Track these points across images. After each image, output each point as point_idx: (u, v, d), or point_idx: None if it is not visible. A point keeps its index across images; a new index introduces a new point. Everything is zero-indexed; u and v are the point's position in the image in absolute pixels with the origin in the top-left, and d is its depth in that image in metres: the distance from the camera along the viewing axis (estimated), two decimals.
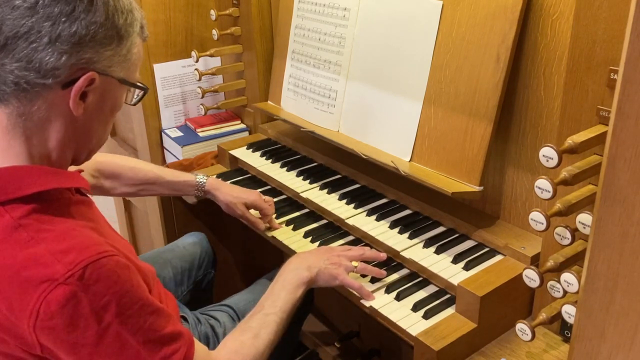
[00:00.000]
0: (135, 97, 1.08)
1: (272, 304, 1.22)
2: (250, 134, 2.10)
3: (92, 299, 0.88)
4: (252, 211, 1.61)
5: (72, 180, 1.01)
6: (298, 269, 1.29)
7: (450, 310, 1.26)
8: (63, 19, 0.88)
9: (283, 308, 1.22)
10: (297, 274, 1.28)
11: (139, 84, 1.05)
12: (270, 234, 1.57)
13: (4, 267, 0.88)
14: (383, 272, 1.35)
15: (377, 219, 1.51)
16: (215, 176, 1.87)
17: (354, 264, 1.33)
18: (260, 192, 1.77)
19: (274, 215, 1.62)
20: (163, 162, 2.11)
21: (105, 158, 1.55)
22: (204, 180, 1.62)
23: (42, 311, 0.87)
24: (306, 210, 1.66)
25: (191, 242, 1.75)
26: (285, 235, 1.56)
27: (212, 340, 1.41)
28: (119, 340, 0.92)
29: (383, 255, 1.39)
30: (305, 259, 1.33)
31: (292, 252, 1.50)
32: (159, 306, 0.99)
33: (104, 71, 0.95)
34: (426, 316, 1.24)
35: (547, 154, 0.99)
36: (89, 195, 1.12)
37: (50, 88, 0.91)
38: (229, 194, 1.61)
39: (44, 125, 0.95)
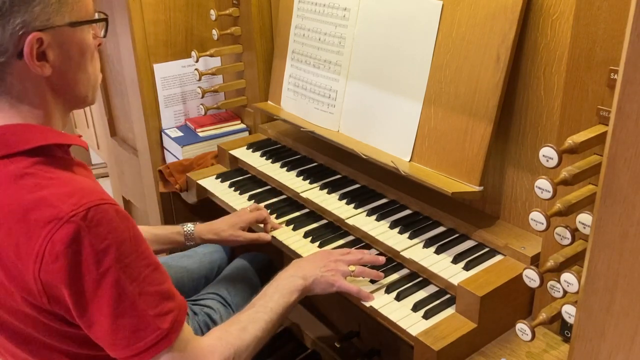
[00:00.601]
0: (102, 30, 1.08)
1: (264, 304, 1.23)
2: (250, 134, 2.10)
3: (93, 241, 0.91)
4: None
5: (71, 139, 1.04)
6: (293, 277, 1.29)
7: (450, 310, 1.26)
8: None
9: (274, 309, 1.22)
10: (292, 281, 1.28)
11: (93, 18, 1.03)
12: (270, 234, 1.57)
13: (12, 211, 0.91)
14: (381, 274, 1.35)
15: (377, 219, 1.51)
16: (215, 176, 1.88)
17: (351, 268, 1.33)
18: (260, 192, 1.78)
19: (274, 216, 1.62)
20: (163, 162, 2.11)
21: None
22: (192, 228, 1.57)
23: (48, 252, 0.89)
24: (306, 210, 1.66)
25: (211, 250, 1.74)
26: (285, 235, 1.56)
27: (212, 327, 1.41)
28: (117, 287, 0.94)
29: (382, 259, 1.38)
30: (302, 268, 1.32)
31: (292, 252, 1.50)
32: (156, 261, 1.01)
33: (45, 26, 0.94)
34: (426, 316, 1.24)
35: (547, 154, 0.99)
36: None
37: (8, 64, 0.94)
38: (222, 229, 1.56)
39: (25, 94, 0.98)
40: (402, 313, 1.26)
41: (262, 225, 1.59)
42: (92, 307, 0.94)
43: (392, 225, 1.48)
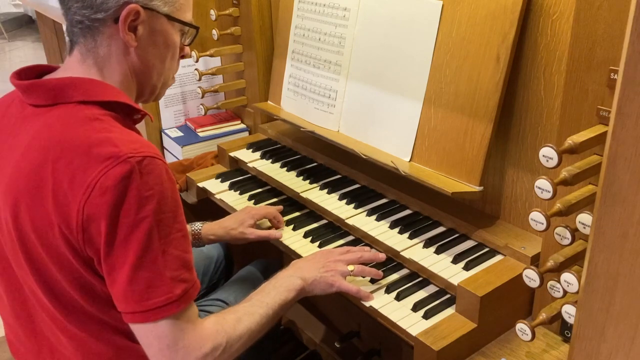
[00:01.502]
0: (189, 37, 1.20)
1: (260, 299, 1.23)
2: (250, 134, 2.10)
3: (141, 185, 0.97)
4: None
5: (139, 106, 1.13)
6: (292, 277, 1.29)
7: (450, 310, 1.26)
8: None
9: (270, 305, 1.22)
10: (289, 280, 1.28)
11: (187, 22, 1.15)
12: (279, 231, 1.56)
13: (80, 144, 0.99)
14: (380, 273, 1.35)
15: (377, 219, 1.51)
16: (215, 177, 1.88)
17: (350, 267, 1.33)
18: (260, 192, 1.78)
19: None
20: None
21: None
22: (199, 227, 1.57)
23: (99, 185, 0.95)
24: (306, 210, 1.66)
25: (208, 247, 1.71)
26: (285, 235, 1.56)
27: None
28: (147, 237, 0.98)
29: (382, 256, 1.38)
30: (301, 269, 1.32)
31: (292, 252, 1.50)
32: (187, 231, 1.07)
33: (146, 4, 1.06)
34: (426, 316, 1.24)
35: (547, 154, 0.99)
36: None
37: (104, 22, 1.05)
38: (231, 227, 1.56)
39: (109, 58, 1.09)
40: (402, 313, 1.26)
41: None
42: (119, 250, 0.98)
43: (392, 225, 1.48)
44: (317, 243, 1.50)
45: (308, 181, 1.71)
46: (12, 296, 1.14)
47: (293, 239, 1.54)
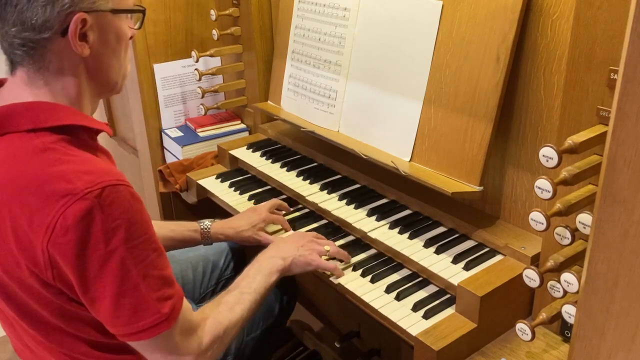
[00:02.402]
0: (137, 22, 1.15)
1: (248, 284, 1.27)
2: (250, 134, 2.10)
3: (105, 219, 0.93)
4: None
5: (97, 123, 1.09)
6: (273, 257, 1.34)
7: (450, 310, 1.26)
8: None
9: (257, 290, 1.27)
10: (272, 262, 1.33)
11: (134, 7, 1.10)
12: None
13: (31, 181, 0.94)
14: (349, 256, 1.41)
15: (377, 219, 1.51)
16: (215, 176, 1.88)
17: (326, 248, 1.39)
18: (260, 192, 1.78)
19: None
20: (163, 162, 2.11)
21: None
22: (209, 225, 1.57)
23: (59, 225, 0.92)
24: (306, 210, 1.66)
25: (218, 244, 1.71)
26: (285, 235, 1.55)
27: None
28: (122, 268, 0.96)
29: (347, 254, 1.43)
30: (281, 249, 1.37)
31: None
32: (162, 247, 1.04)
33: (90, 8, 0.99)
34: (426, 316, 1.24)
35: (547, 154, 0.99)
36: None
37: (51, 40, 0.98)
38: (243, 228, 1.55)
39: (61, 73, 1.02)
40: (402, 313, 1.26)
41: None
42: (96, 284, 0.97)
43: (392, 225, 1.48)
44: None
45: (308, 181, 1.71)
46: None
47: None
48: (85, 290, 0.97)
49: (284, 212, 1.64)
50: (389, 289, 1.32)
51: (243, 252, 1.76)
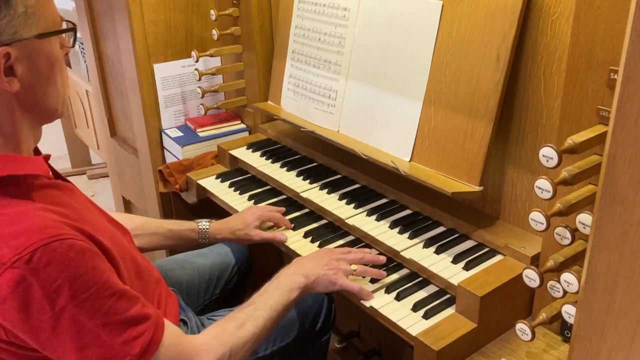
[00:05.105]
0: (69, 39, 1.04)
1: (264, 301, 1.22)
2: (250, 134, 2.10)
3: (43, 283, 0.88)
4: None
5: (30, 167, 0.99)
6: (295, 274, 1.29)
7: (450, 310, 1.26)
8: None
9: (274, 307, 1.21)
10: (293, 279, 1.28)
11: (62, 27, 1.00)
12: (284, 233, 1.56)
13: None
14: (383, 273, 1.35)
15: (377, 219, 1.51)
16: (215, 176, 1.88)
17: (353, 267, 1.33)
18: (260, 192, 1.78)
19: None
20: (163, 162, 2.11)
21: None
22: (207, 226, 1.57)
23: None
24: (306, 210, 1.66)
25: (225, 251, 1.71)
26: (286, 235, 1.55)
27: None
28: (75, 324, 0.92)
29: (382, 259, 1.38)
30: (304, 266, 1.32)
31: (292, 252, 1.50)
32: (122, 288, 0.98)
33: (12, 39, 0.91)
34: (426, 316, 1.24)
35: (547, 154, 0.99)
36: (69, 181, 1.12)
37: None
38: (237, 227, 1.55)
39: None
40: (402, 313, 1.26)
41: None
42: (53, 343, 0.93)
43: (392, 225, 1.48)
44: (317, 243, 1.50)
45: (308, 181, 1.71)
46: None
47: (293, 238, 1.54)
48: (45, 349, 0.94)
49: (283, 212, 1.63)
50: (388, 289, 1.32)
51: (251, 263, 1.75)
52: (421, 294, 1.31)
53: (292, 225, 1.58)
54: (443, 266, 1.33)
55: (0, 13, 0.89)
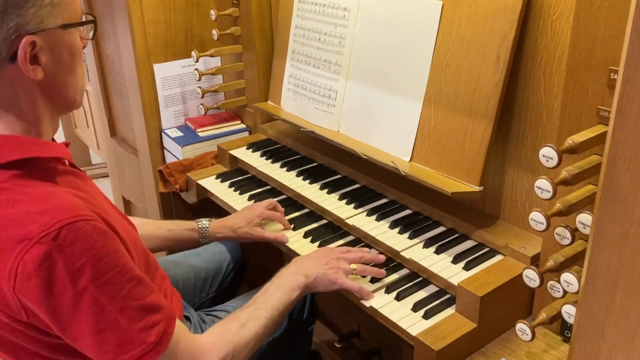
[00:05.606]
0: (90, 31, 1.08)
1: (265, 301, 1.23)
2: (250, 134, 2.10)
3: (67, 260, 0.89)
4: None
5: (53, 150, 1.02)
6: (295, 274, 1.29)
7: (450, 310, 1.26)
8: None
9: (275, 306, 1.22)
10: (293, 278, 1.28)
11: (83, 19, 1.04)
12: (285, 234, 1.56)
13: None
14: (383, 271, 1.35)
15: (377, 219, 1.51)
16: (215, 176, 1.88)
17: (353, 266, 1.33)
18: (260, 192, 1.78)
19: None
20: (163, 162, 2.11)
21: None
22: (207, 225, 1.57)
23: (20, 272, 0.89)
24: (306, 210, 1.66)
25: (220, 249, 1.72)
26: (286, 235, 1.55)
27: None
28: (96, 306, 0.93)
29: (382, 258, 1.39)
30: (304, 265, 1.32)
31: (291, 252, 1.50)
32: (140, 275, 1.00)
33: (38, 29, 0.94)
34: (426, 316, 1.24)
35: (547, 154, 0.99)
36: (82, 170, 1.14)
37: (1, 68, 0.93)
38: (238, 225, 1.55)
39: (14, 100, 0.97)
40: (402, 313, 1.26)
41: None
42: (72, 324, 0.94)
43: (392, 225, 1.48)
44: (317, 243, 1.50)
45: (308, 181, 1.71)
46: None
47: (293, 238, 1.54)
48: (63, 331, 0.95)
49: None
50: (388, 289, 1.32)
51: (245, 261, 1.76)
52: (421, 294, 1.31)
53: (292, 225, 1.58)
54: (443, 266, 1.33)
55: (28, 3, 0.92)
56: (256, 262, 1.98)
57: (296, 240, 1.53)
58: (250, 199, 1.73)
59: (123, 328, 0.96)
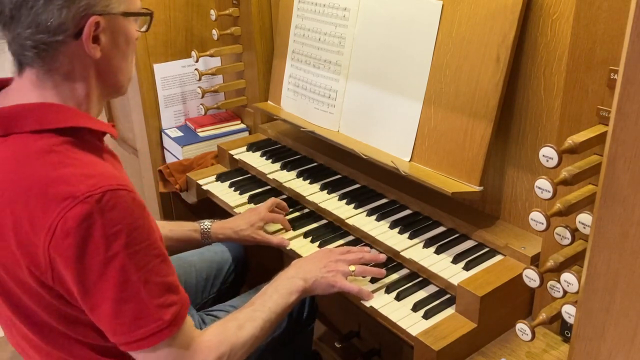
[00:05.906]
0: (144, 23, 1.16)
1: (263, 303, 1.23)
2: (250, 134, 2.10)
3: (105, 223, 0.93)
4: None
5: (102, 125, 1.08)
6: (294, 278, 1.29)
7: (450, 310, 1.26)
8: None
9: (272, 309, 1.22)
10: (292, 282, 1.28)
11: (142, 10, 1.11)
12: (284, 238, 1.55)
13: (35, 183, 0.94)
14: (382, 271, 1.35)
15: (377, 219, 1.51)
16: (215, 176, 1.88)
17: (352, 267, 1.33)
18: (260, 192, 1.77)
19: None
20: (163, 162, 2.11)
21: None
22: (209, 226, 1.57)
23: (60, 228, 0.92)
24: (306, 210, 1.66)
25: (222, 249, 1.72)
26: (286, 235, 1.55)
27: None
28: (122, 273, 0.96)
29: (382, 257, 1.38)
30: (302, 268, 1.32)
31: (291, 252, 1.50)
32: (165, 253, 1.03)
33: (104, 11, 1.00)
34: (426, 316, 1.24)
35: (547, 154, 0.99)
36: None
37: (65, 43, 0.98)
38: (241, 227, 1.55)
39: (71, 75, 1.02)
40: (402, 313, 1.26)
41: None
42: (95, 289, 0.96)
43: (392, 225, 1.48)
44: (317, 243, 1.50)
45: (308, 181, 1.71)
46: None
47: (293, 239, 1.54)
48: (85, 296, 0.97)
49: (284, 212, 1.63)
50: (388, 289, 1.32)
51: (246, 261, 1.76)
52: (421, 294, 1.31)
53: (292, 226, 1.58)
54: (443, 266, 1.33)
55: None
56: (257, 262, 1.98)
57: (296, 240, 1.53)
58: (250, 199, 1.73)
59: (143, 301, 0.98)
